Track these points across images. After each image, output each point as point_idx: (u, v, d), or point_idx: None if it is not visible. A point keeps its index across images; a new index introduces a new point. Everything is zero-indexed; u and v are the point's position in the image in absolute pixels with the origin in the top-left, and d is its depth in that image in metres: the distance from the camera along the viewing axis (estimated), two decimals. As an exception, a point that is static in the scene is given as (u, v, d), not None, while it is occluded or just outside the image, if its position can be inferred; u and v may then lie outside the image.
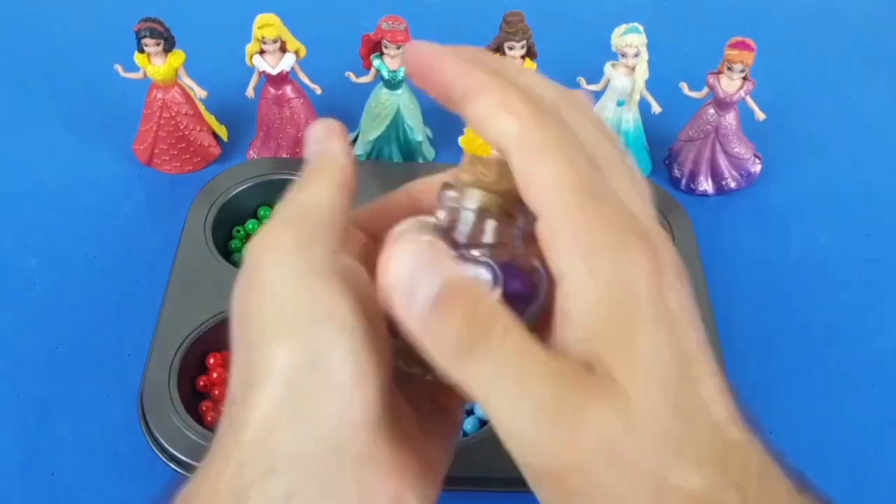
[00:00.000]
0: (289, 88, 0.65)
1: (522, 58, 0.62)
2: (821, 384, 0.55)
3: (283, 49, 0.62)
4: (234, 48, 0.63)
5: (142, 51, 0.62)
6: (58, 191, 0.66)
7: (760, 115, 0.64)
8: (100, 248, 0.62)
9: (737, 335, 0.56)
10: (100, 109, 0.73)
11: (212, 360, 0.54)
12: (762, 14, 0.86)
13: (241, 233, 0.62)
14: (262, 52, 0.62)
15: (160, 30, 0.61)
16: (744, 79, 0.62)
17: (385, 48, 0.61)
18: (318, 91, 0.65)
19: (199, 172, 0.68)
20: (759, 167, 0.67)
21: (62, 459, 0.51)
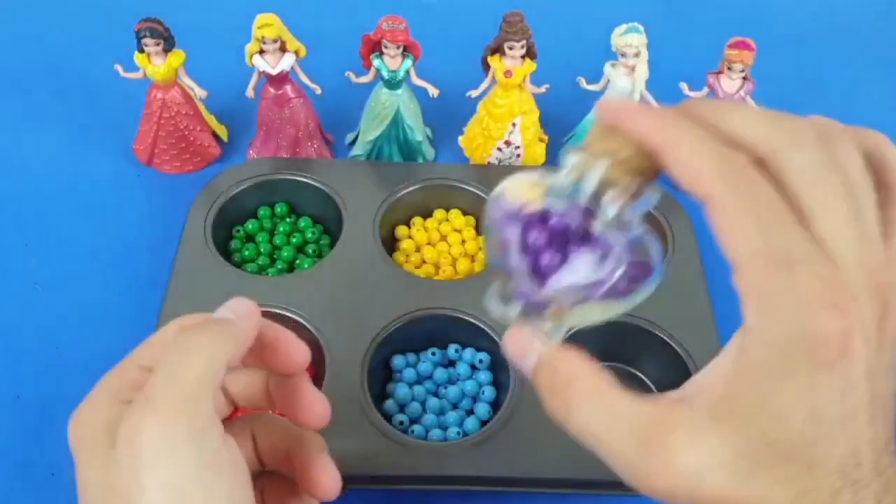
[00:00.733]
0: (289, 88, 0.65)
1: (522, 58, 0.62)
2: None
3: (283, 49, 0.62)
4: (234, 48, 0.63)
5: (142, 51, 0.62)
6: (58, 191, 0.66)
7: (760, 115, 0.64)
8: (100, 248, 0.62)
9: (737, 335, 0.56)
10: (100, 109, 0.73)
11: (212, 360, 0.53)
12: (762, 14, 0.86)
13: (241, 233, 0.62)
14: (262, 52, 0.62)
15: (160, 30, 0.61)
16: (744, 79, 0.62)
17: (385, 48, 0.61)
18: (318, 91, 0.65)
19: (199, 172, 0.68)
20: (759, 167, 0.67)
21: (62, 459, 0.50)
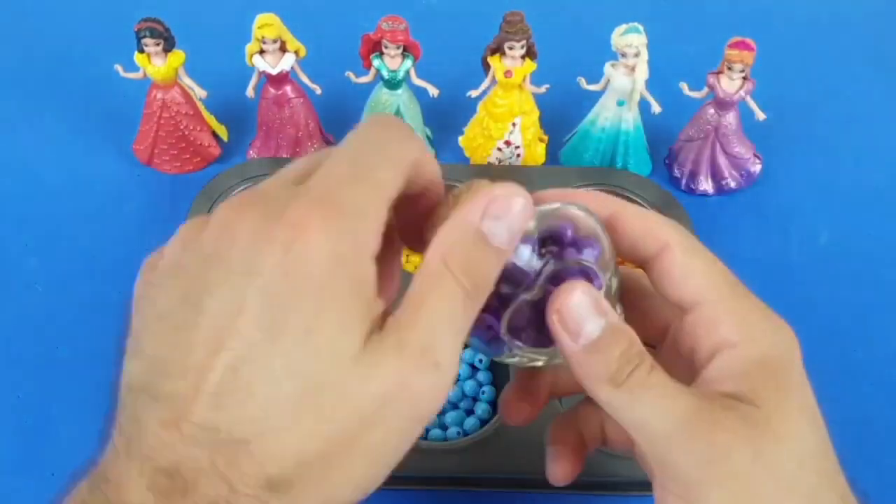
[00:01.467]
0: (289, 88, 0.65)
1: (522, 58, 0.62)
2: (820, 384, 0.55)
3: (283, 49, 0.62)
4: (234, 48, 0.63)
5: (142, 51, 0.62)
6: (58, 191, 0.66)
7: (760, 115, 0.64)
8: (100, 248, 0.62)
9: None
10: (100, 109, 0.73)
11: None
12: (762, 14, 0.86)
13: (241, 233, 0.62)
14: (262, 52, 0.62)
15: (160, 30, 0.61)
16: (744, 79, 0.62)
17: (385, 48, 0.61)
18: (318, 91, 0.65)
19: (199, 172, 0.68)
20: (759, 167, 0.67)
21: (62, 459, 0.51)
